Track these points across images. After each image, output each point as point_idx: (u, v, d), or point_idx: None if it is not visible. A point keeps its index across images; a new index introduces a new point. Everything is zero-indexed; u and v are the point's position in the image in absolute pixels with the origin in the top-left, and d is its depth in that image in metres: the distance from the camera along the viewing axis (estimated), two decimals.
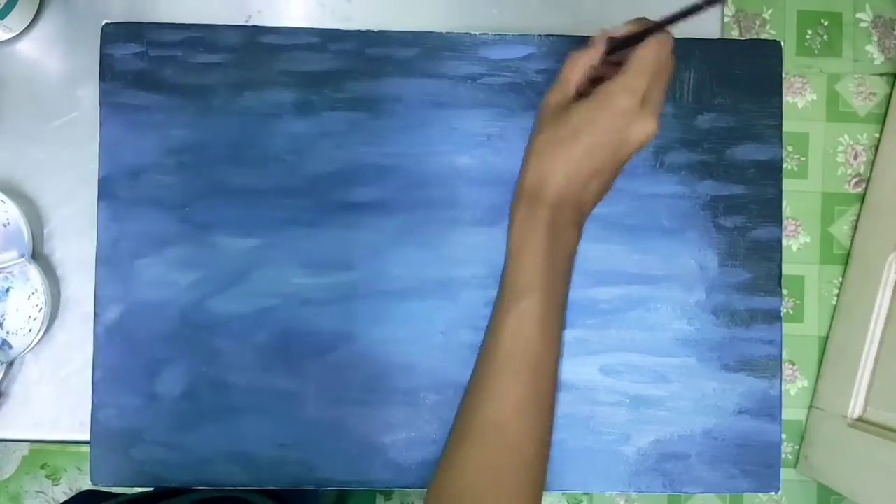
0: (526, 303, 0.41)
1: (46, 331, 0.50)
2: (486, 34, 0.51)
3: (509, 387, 0.40)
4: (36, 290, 0.50)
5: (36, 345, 0.50)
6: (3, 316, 0.50)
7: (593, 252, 0.50)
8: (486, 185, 0.50)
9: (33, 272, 0.50)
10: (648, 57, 0.41)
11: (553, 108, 0.44)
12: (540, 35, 0.51)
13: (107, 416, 0.49)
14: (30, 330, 0.50)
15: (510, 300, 0.41)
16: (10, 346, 0.50)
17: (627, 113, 0.41)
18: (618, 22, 0.53)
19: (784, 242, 1.12)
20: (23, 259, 0.50)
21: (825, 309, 1.33)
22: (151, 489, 0.57)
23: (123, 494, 0.62)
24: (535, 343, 0.40)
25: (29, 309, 0.50)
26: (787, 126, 0.51)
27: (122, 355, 0.49)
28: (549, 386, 0.41)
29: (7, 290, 0.51)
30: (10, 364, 0.51)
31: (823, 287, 1.33)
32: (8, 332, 0.50)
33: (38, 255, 0.52)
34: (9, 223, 0.50)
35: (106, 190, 0.49)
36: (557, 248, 0.42)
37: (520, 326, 0.41)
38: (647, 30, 0.43)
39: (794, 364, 1.33)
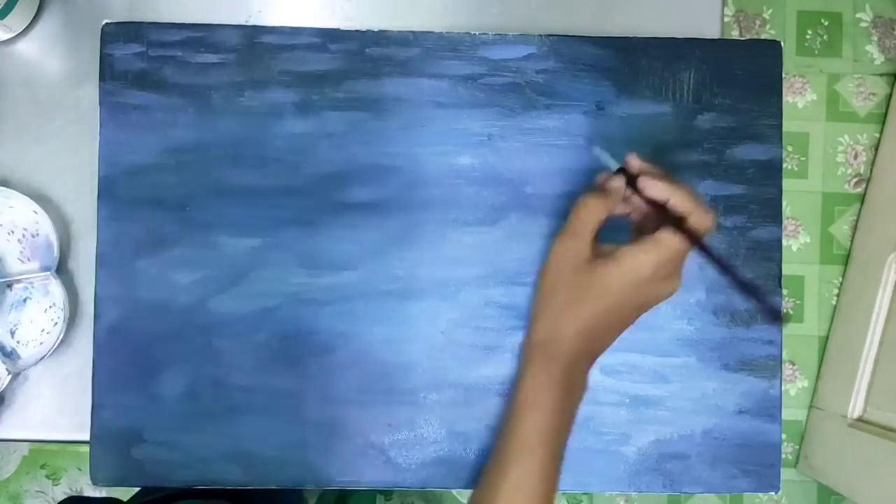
0: (528, 462, 0.41)
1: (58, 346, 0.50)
2: (486, 34, 0.51)
3: None
4: (54, 304, 0.50)
5: (47, 359, 0.49)
6: (16, 325, 0.50)
7: None
8: (487, 185, 0.50)
9: (55, 287, 0.49)
10: (685, 247, 0.41)
11: (570, 261, 0.42)
12: (540, 35, 0.51)
13: (107, 416, 0.49)
14: (41, 343, 0.50)
15: (512, 456, 0.42)
16: (19, 357, 0.50)
17: (654, 280, 0.41)
18: (618, 22, 0.54)
19: (784, 242, 1.12)
20: (46, 273, 0.49)
21: (825, 309, 1.33)
22: (139, 490, 0.57)
23: (111, 499, 0.62)
24: (536, 497, 0.41)
25: (44, 322, 0.50)
26: (787, 126, 0.51)
27: (122, 355, 0.49)
28: None
29: (24, 301, 0.50)
30: (17, 375, 0.50)
31: (823, 287, 1.33)
32: (18, 342, 0.50)
33: (64, 271, 0.51)
34: (38, 234, 0.50)
35: (106, 190, 0.49)
36: (568, 402, 0.43)
37: (522, 480, 0.41)
38: (666, 214, 0.41)
39: (794, 364, 1.33)
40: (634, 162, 0.43)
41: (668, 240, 0.40)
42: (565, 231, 0.43)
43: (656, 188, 0.41)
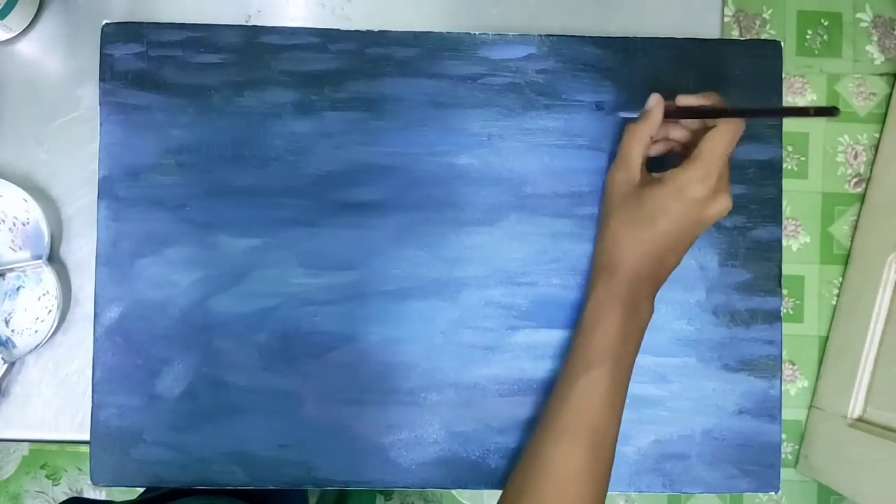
0: (595, 373, 0.42)
1: (53, 334, 0.50)
2: (486, 34, 0.51)
3: (570, 453, 0.41)
4: (47, 292, 0.50)
5: (41, 347, 0.50)
6: (10, 314, 0.50)
7: (593, 252, 0.50)
8: (486, 185, 0.50)
9: (47, 274, 0.50)
10: (722, 145, 0.42)
11: (622, 187, 0.45)
12: (540, 35, 0.51)
13: (107, 416, 0.49)
14: (36, 331, 0.50)
15: (580, 368, 0.43)
16: (15, 345, 0.50)
17: (702, 199, 0.42)
18: (618, 22, 0.54)
19: (784, 242, 1.12)
20: (38, 261, 0.50)
21: (825, 309, 1.33)
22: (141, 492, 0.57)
23: (111, 502, 0.62)
24: (598, 414, 0.42)
25: (38, 310, 0.50)
26: (787, 126, 0.51)
27: (122, 355, 0.49)
28: (607, 457, 0.42)
29: (18, 289, 0.50)
30: (12, 364, 0.50)
31: (823, 287, 1.33)
32: (13, 331, 0.50)
33: (56, 259, 0.51)
34: (28, 222, 0.50)
35: (106, 190, 0.49)
36: (632, 322, 0.44)
37: (586, 396, 0.42)
38: (710, 109, 0.43)
39: (794, 364, 1.33)
40: (658, 96, 0.45)
41: (707, 148, 0.42)
42: (616, 161, 0.46)
43: (687, 99, 0.44)
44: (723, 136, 0.42)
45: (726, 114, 0.42)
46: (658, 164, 0.46)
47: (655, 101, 0.45)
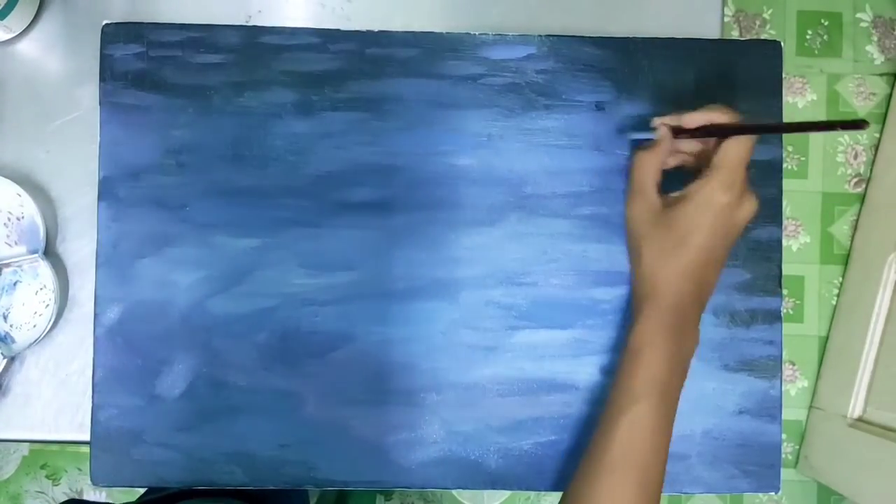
0: (641, 408, 0.41)
1: (52, 328, 0.50)
2: (486, 34, 0.51)
3: (617, 491, 0.40)
4: (45, 286, 0.50)
5: (40, 341, 0.50)
6: (8, 309, 0.50)
7: (593, 252, 0.50)
8: (487, 185, 0.50)
9: (44, 269, 0.50)
10: (742, 152, 0.42)
11: (644, 216, 0.45)
12: (540, 35, 0.51)
13: (107, 416, 0.49)
14: (34, 326, 0.50)
15: (625, 404, 0.42)
16: (14, 340, 0.50)
17: (729, 206, 0.42)
18: (618, 22, 0.54)
19: (784, 242, 1.12)
20: (34, 255, 0.50)
21: (825, 309, 1.33)
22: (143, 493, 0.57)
23: None
24: (646, 450, 0.41)
25: (35, 305, 0.50)
26: None
27: (122, 355, 0.49)
28: (656, 493, 0.41)
29: (15, 284, 0.51)
30: (12, 359, 0.50)
31: (823, 287, 1.33)
32: (12, 326, 0.50)
33: (52, 253, 0.51)
34: (23, 217, 0.50)
35: (106, 190, 0.49)
36: (678, 352, 0.43)
37: (633, 432, 0.41)
38: (718, 127, 0.43)
39: (794, 364, 1.33)
40: (664, 119, 0.45)
41: (727, 157, 0.41)
42: (630, 192, 0.46)
43: (694, 118, 0.44)
44: (742, 143, 0.41)
45: (749, 131, 0.42)
46: (669, 179, 0.46)
47: (664, 133, 0.44)
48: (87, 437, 0.49)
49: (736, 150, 0.41)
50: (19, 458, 1.31)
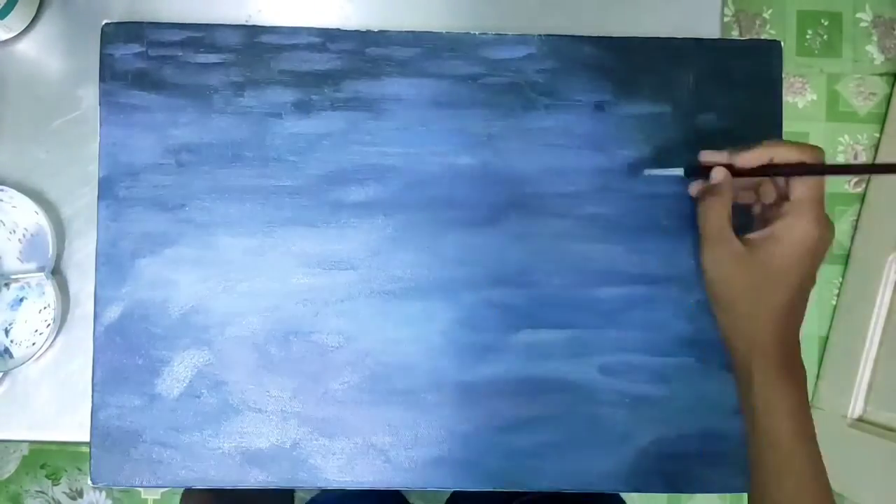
0: (798, 461, 0.41)
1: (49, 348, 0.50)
2: (486, 34, 0.51)
3: None
4: (48, 305, 0.50)
5: (37, 359, 0.50)
6: (10, 324, 0.50)
7: (593, 252, 0.50)
8: (486, 185, 0.50)
9: (49, 288, 0.50)
10: (820, 184, 0.42)
11: (729, 265, 0.43)
12: (540, 35, 0.51)
13: (107, 416, 0.49)
14: (33, 343, 0.50)
15: (781, 462, 0.41)
16: (11, 356, 0.50)
17: (822, 239, 0.42)
18: (618, 22, 0.54)
19: None
20: (41, 273, 0.50)
21: (825, 309, 1.33)
22: None
23: None
24: (819, 492, 0.42)
25: (37, 323, 0.50)
26: (787, 126, 0.51)
27: (122, 355, 0.49)
28: None
29: (20, 300, 0.50)
30: (6, 374, 0.50)
31: (823, 287, 1.33)
32: (12, 342, 0.50)
33: (57, 272, 0.51)
34: (37, 235, 0.50)
35: (106, 190, 0.49)
36: (799, 392, 0.42)
37: (798, 491, 0.41)
38: (784, 167, 0.42)
39: None
40: (710, 156, 0.44)
41: (807, 191, 0.41)
42: (705, 240, 0.44)
43: (751, 156, 0.43)
44: (817, 181, 0.42)
45: (816, 172, 0.41)
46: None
47: (723, 176, 0.43)
48: (87, 437, 0.49)
49: (816, 183, 0.41)
50: (19, 457, 1.31)
